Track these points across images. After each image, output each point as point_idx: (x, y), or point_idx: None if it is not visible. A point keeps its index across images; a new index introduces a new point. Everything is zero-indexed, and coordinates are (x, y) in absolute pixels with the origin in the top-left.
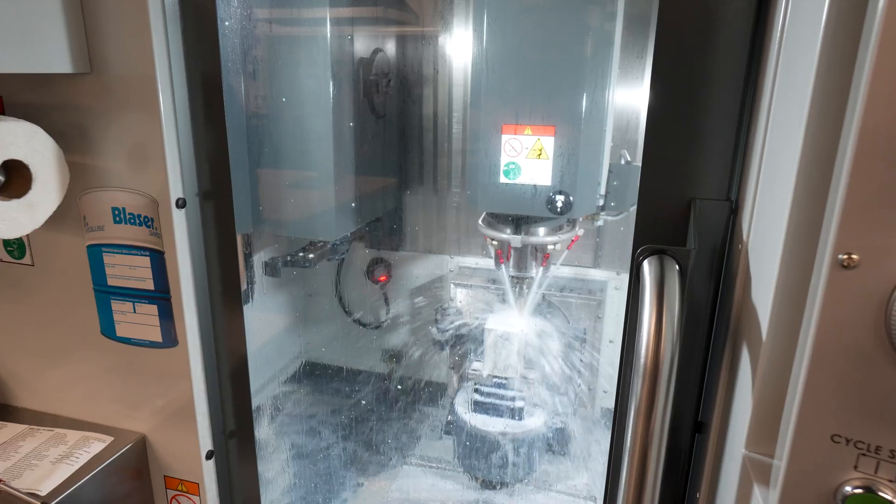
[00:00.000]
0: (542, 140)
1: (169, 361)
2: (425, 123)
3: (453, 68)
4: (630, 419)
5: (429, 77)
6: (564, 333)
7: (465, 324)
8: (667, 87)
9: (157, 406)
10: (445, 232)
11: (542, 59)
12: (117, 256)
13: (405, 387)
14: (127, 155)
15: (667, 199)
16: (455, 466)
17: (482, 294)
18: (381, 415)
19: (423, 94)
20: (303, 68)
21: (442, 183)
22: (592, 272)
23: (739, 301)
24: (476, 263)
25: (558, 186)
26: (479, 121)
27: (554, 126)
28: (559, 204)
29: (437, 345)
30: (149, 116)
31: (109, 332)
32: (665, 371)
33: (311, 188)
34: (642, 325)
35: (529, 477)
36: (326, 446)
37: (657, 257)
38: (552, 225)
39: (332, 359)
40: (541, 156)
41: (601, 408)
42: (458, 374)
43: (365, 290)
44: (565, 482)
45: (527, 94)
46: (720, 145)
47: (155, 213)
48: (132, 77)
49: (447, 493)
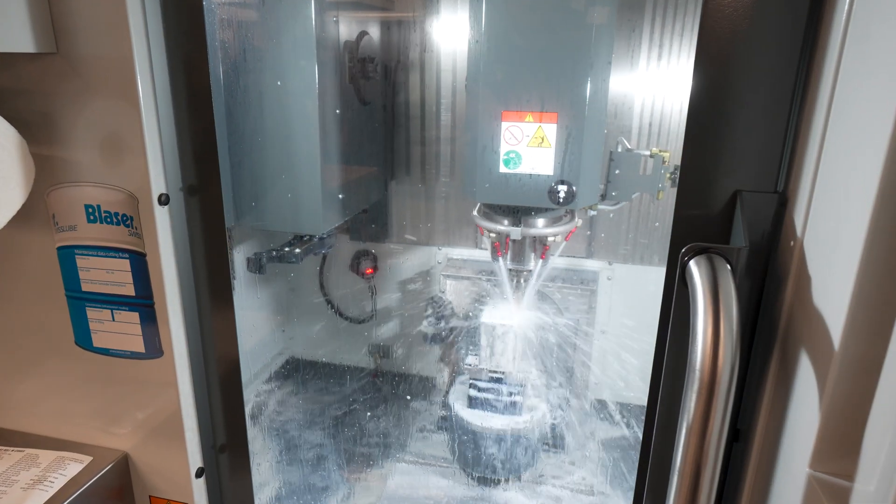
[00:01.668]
0: (543, 127)
1: (153, 373)
2: (412, 111)
3: (441, 53)
4: (681, 436)
5: (415, 62)
6: (558, 325)
7: (457, 317)
8: (711, 71)
9: (141, 421)
10: (434, 223)
11: (545, 40)
12: (92, 259)
13: (394, 382)
14: (100, 146)
15: (709, 191)
16: (450, 463)
17: (474, 286)
18: (369, 412)
19: (409, 81)
20: (287, 50)
21: (430, 172)
22: (586, 262)
23: (791, 303)
24: (465, 255)
25: (561, 176)
26: (476, 108)
27: (557, 112)
28: (562, 194)
29: (427, 338)
30: (125, 102)
31: (85, 342)
32: (724, 384)
33: (296, 179)
34: (696, 333)
35: (528, 471)
36: (314, 446)
37: (705, 257)
38: (552, 216)
39: (317, 355)
40: (543, 144)
41: (593, 399)
42: (451, 368)
43: (351, 283)
44: (563, 476)
45: (528, 79)
46: (768, 132)
47: (134, 210)
48: (105, 58)
49: (443, 490)
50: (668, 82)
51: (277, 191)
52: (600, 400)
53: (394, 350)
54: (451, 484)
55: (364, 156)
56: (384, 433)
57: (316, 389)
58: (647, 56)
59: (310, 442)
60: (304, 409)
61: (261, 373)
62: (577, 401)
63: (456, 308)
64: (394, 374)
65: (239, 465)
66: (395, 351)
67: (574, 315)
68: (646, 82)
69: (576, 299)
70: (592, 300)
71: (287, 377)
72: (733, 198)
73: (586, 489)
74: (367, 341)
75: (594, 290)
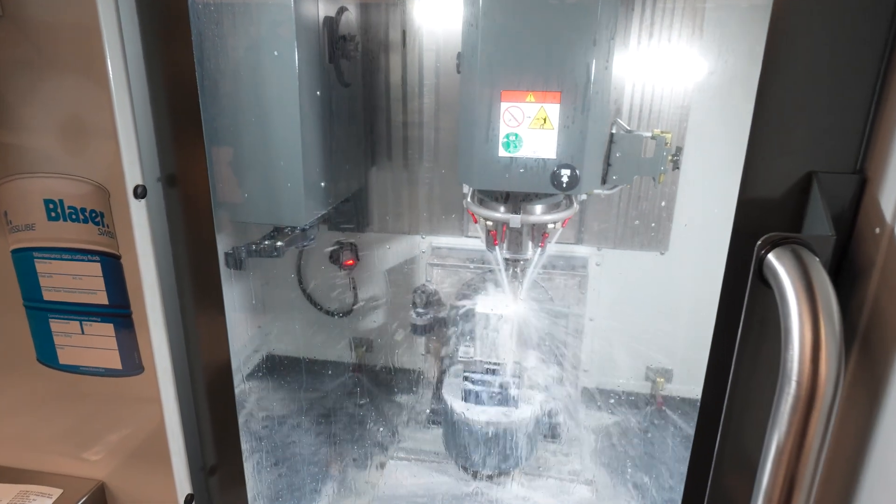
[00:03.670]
0: (546, 108)
1: (132, 391)
2: (393, 93)
3: (424, 32)
4: (769, 454)
5: (396, 42)
6: (550, 312)
7: (446, 307)
8: (785, 43)
9: (118, 444)
10: (417, 210)
11: (548, 13)
12: (55, 263)
13: (381, 377)
14: (61, 130)
15: (778, 173)
16: (444, 458)
17: (462, 274)
18: (355, 408)
19: (390, 61)
20: (264, 27)
21: (412, 157)
22: (576, 248)
23: (874, 298)
24: (450, 243)
25: (564, 159)
26: (473, 87)
27: (560, 91)
28: (565, 179)
29: (415, 330)
30: (90, 78)
31: (49, 358)
32: (826, 398)
33: (275, 166)
34: (792, 339)
35: (524, 463)
36: (300, 445)
37: (790, 249)
38: (551, 201)
39: (296, 351)
40: (545, 125)
41: (582, 387)
42: (442, 360)
43: (330, 275)
44: (558, 466)
45: (530, 55)
46: (847, 105)
47: (104, 205)
48: (64, 25)
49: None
50: (660, 62)
51: (255, 179)
52: (592, 388)
53: (380, 343)
54: (446, 479)
55: (346, 140)
56: (372, 430)
57: (296, 387)
58: (637, 35)
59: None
60: (285, 408)
61: (235, 373)
62: (573, 390)
63: (444, 298)
64: (380, 368)
65: (233, 488)
66: (381, 344)
67: (566, 302)
68: (637, 62)
69: (567, 286)
70: (584, 286)
71: (264, 376)
72: (805, 180)
73: (584, 480)
74: (351, 335)
75: (584, 277)
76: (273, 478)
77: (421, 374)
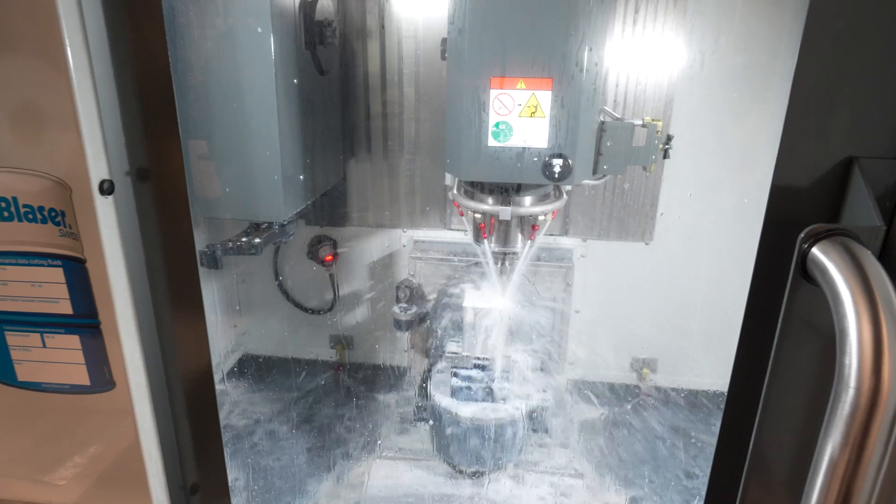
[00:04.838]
0: (537, 95)
1: (102, 407)
2: (371, 82)
3: (402, 18)
4: (820, 468)
5: (374, 28)
6: (536, 305)
7: (430, 301)
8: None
9: (87, 466)
10: (398, 203)
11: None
12: (10, 269)
13: (363, 374)
14: (11, 118)
15: (815, 159)
16: (432, 456)
17: (445, 268)
18: (337, 407)
19: (368, 48)
20: (238, 10)
21: (392, 149)
22: (561, 240)
23: None
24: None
25: (556, 148)
26: (460, 74)
27: (552, 78)
28: (557, 169)
29: (399, 325)
30: (46, 60)
31: (5, 375)
32: (890, 409)
33: (251, 159)
34: (849, 342)
35: (515, 459)
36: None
37: (838, 241)
38: (540, 193)
39: (274, 350)
40: (535, 113)
41: (568, 380)
42: (428, 356)
43: (308, 271)
44: (547, 460)
45: (521, 40)
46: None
47: (66, 203)
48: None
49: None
50: (644, 50)
51: (230, 173)
52: (576, 381)
53: (362, 340)
54: (434, 478)
55: (324, 132)
56: (356, 429)
57: (275, 387)
58: (621, 22)
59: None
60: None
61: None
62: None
63: (428, 292)
64: (362, 366)
65: None
66: (363, 341)
67: (552, 294)
68: (621, 50)
69: (552, 278)
70: (569, 277)
71: (241, 376)
72: (845, 166)
73: (573, 472)
74: (331, 332)
75: (570, 268)
76: (258, 487)
77: (405, 370)
